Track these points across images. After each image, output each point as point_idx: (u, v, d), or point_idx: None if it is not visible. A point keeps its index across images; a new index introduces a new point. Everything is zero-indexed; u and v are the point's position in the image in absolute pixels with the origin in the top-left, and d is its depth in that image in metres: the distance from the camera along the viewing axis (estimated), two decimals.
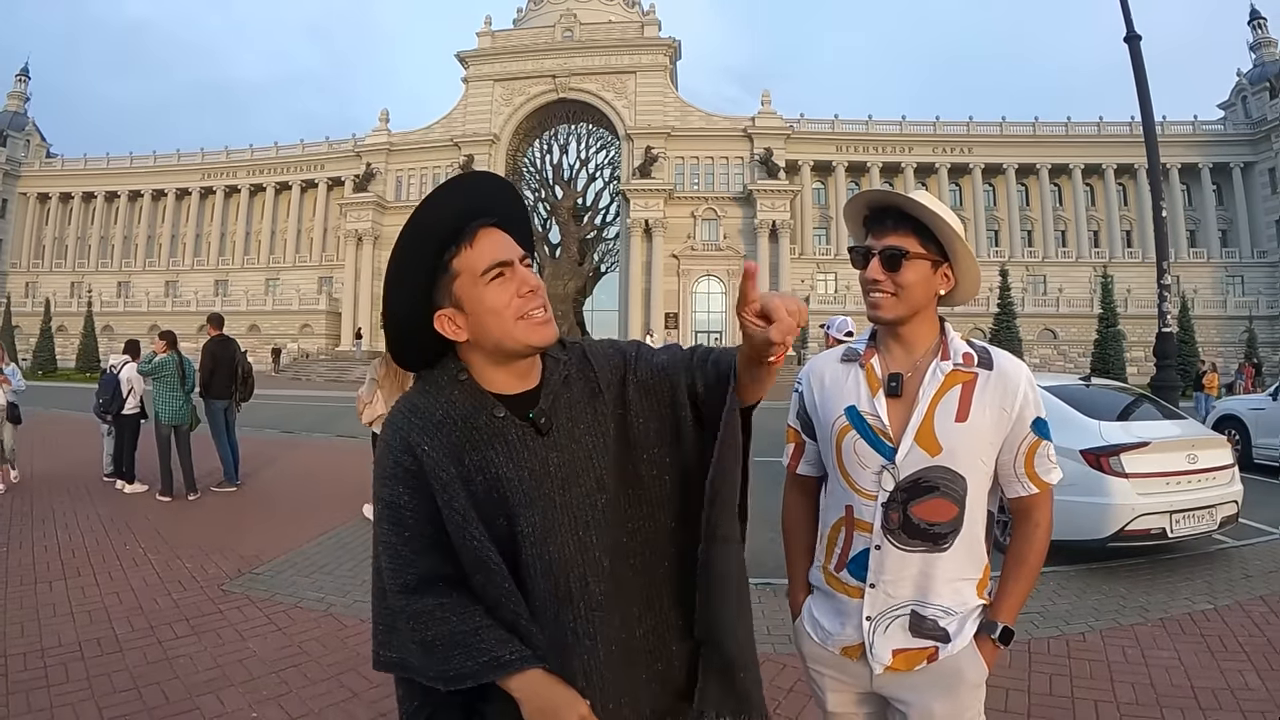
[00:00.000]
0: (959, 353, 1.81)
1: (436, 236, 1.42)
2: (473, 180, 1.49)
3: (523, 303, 1.42)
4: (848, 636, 1.85)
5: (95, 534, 7.41)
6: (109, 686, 4.04)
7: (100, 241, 71.79)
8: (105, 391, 9.97)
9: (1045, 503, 1.84)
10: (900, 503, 1.76)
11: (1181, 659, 4.41)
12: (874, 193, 1.86)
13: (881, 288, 1.78)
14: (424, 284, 1.43)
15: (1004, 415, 1.77)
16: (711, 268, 58.30)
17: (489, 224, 1.45)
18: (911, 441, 1.75)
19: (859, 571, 1.82)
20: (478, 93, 62.33)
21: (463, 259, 1.42)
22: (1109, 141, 60.06)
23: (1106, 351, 38.73)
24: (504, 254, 1.43)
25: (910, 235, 1.77)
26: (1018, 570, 1.83)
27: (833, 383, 1.90)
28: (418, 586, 1.40)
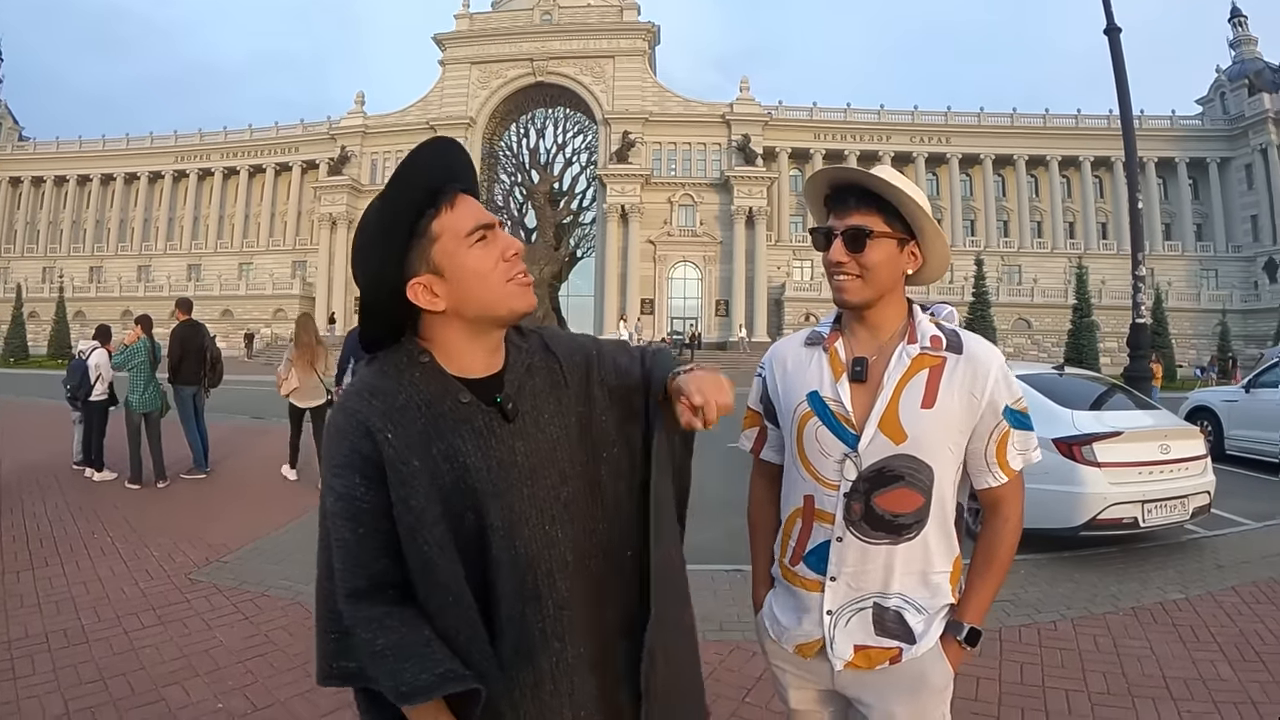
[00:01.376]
0: (926, 335, 1.72)
1: (418, 198, 1.34)
2: (447, 144, 1.43)
3: (509, 266, 1.36)
4: (806, 632, 1.78)
5: (64, 523, 7.29)
6: (75, 678, 3.98)
7: (72, 226, 70.75)
8: (73, 378, 9.79)
9: (1015, 496, 1.76)
10: (863, 493, 1.68)
11: (1154, 649, 4.44)
12: (835, 170, 1.77)
13: (846, 270, 1.69)
14: (398, 250, 1.34)
15: (973, 401, 1.68)
16: (688, 254, 58.34)
17: (463, 189, 1.39)
18: (875, 429, 1.67)
19: (818, 564, 1.75)
20: (454, 75, 61.82)
21: (443, 221, 1.34)
22: (1086, 134, 60.60)
23: (1080, 342, 39.12)
24: (485, 216, 1.37)
25: (874, 213, 1.69)
26: (986, 569, 1.76)
27: (795, 367, 1.83)
28: (368, 592, 1.30)
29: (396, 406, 1.32)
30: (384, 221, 1.34)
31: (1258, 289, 55.97)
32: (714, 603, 5.23)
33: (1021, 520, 1.78)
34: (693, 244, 58.22)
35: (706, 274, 57.79)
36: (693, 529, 1.73)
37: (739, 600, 5.22)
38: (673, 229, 58.29)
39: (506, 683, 1.30)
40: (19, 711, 3.66)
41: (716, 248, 57.63)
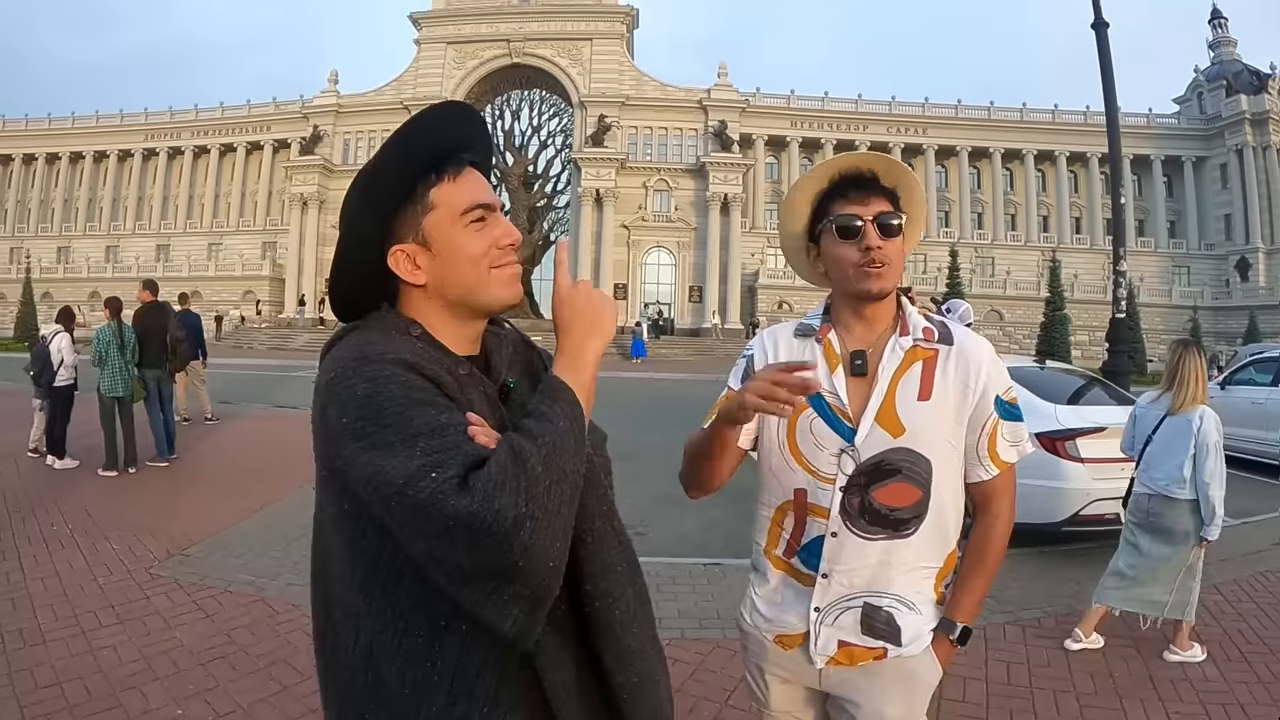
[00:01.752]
0: (918, 327, 1.72)
1: (423, 159, 1.24)
2: (465, 111, 1.34)
3: (501, 254, 1.27)
4: (788, 624, 1.75)
5: (22, 513, 7.06)
6: (31, 682, 3.83)
7: (40, 205, 69.03)
8: (36, 363, 9.52)
9: (1007, 491, 1.77)
10: (861, 487, 1.65)
11: (1139, 647, 4.42)
12: (851, 157, 1.74)
13: (881, 257, 1.65)
14: (389, 212, 1.24)
15: (968, 392, 1.68)
16: (662, 239, 58.11)
17: (473, 161, 1.30)
18: (872, 422, 1.65)
19: (811, 560, 1.71)
20: (430, 55, 60.98)
21: (443, 191, 1.24)
22: (1063, 129, 61.02)
23: (1052, 334, 39.39)
24: (488, 196, 1.28)
25: (888, 200, 1.69)
26: (977, 567, 1.76)
27: (787, 357, 1.77)
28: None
29: (419, 352, 1.18)
30: (381, 176, 1.24)
31: (1229, 287, 56.83)
32: (693, 597, 5.15)
33: (1013, 517, 1.80)
34: (667, 229, 58.01)
35: (680, 260, 57.65)
36: (668, 521, 1.63)
37: (719, 595, 5.15)
38: (647, 214, 58.03)
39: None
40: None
41: (691, 234, 57.47)
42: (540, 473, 1.04)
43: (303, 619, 4.44)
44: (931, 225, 60.30)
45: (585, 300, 1.24)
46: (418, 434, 1.07)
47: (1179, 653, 4.25)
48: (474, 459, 1.05)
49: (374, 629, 1.17)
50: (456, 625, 1.13)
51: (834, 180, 1.73)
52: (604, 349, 1.25)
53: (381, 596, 1.16)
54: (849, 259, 1.68)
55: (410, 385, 1.12)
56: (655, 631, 1.37)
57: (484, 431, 1.12)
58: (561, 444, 1.08)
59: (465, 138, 1.30)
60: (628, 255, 57.56)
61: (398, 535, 1.09)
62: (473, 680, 1.14)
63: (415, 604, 1.15)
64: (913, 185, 1.73)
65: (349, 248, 1.28)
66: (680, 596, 5.19)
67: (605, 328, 1.24)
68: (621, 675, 1.24)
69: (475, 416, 1.14)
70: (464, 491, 1.02)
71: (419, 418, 1.08)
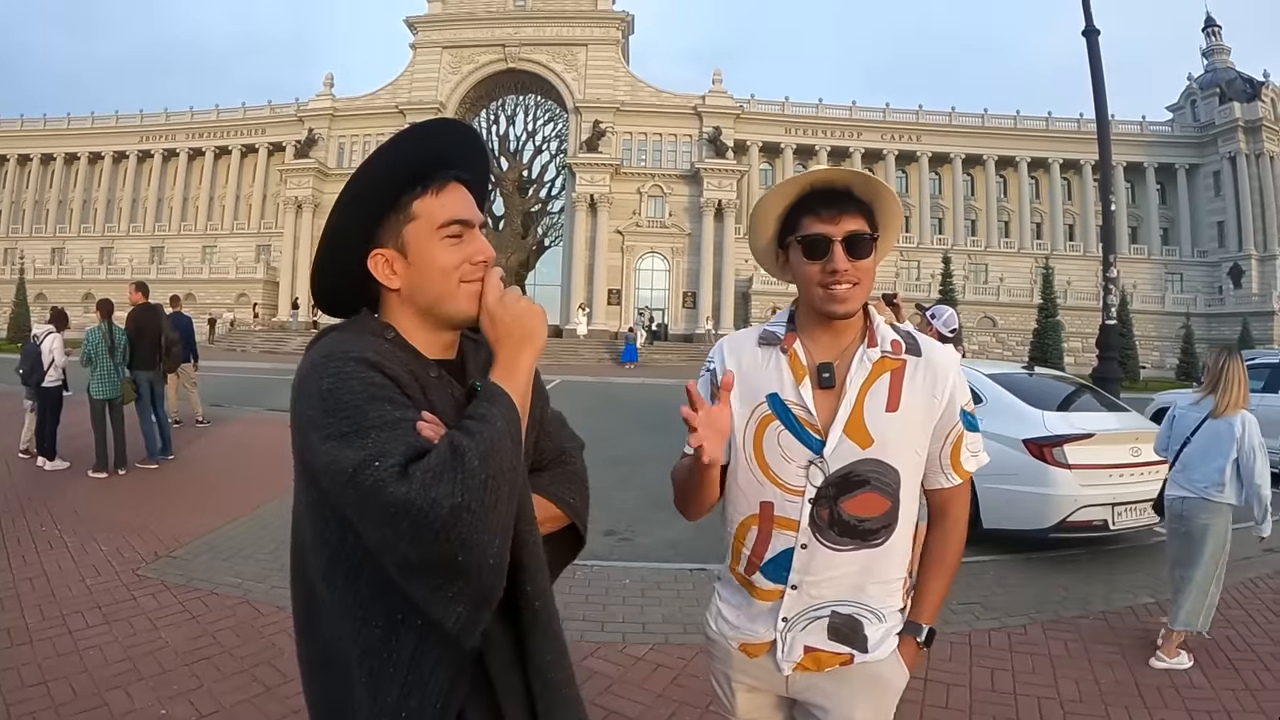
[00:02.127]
0: (886, 339, 1.71)
1: (409, 169, 1.31)
2: (460, 129, 1.42)
3: (471, 270, 1.33)
4: (755, 634, 1.74)
5: (12, 514, 7.04)
6: (17, 681, 3.84)
7: (34, 206, 68.59)
8: (26, 362, 9.48)
9: (963, 497, 1.79)
10: (830, 498, 1.65)
11: (1125, 654, 4.42)
12: (823, 172, 1.69)
13: (847, 278, 1.62)
14: (374, 215, 1.32)
15: (934, 402, 1.69)
16: (656, 245, 57.99)
17: (461, 178, 1.37)
18: (840, 433, 1.64)
19: (778, 573, 1.70)
20: (425, 59, 60.92)
21: (425, 204, 1.31)
22: (1057, 136, 61.04)
23: (1045, 341, 39.55)
24: (467, 213, 1.34)
25: (861, 216, 1.66)
26: (938, 570, 1.78)
27: (751, 366, 1.75)
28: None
29: (380, 352, 1.25)
30: (367, 181, 1.31)
31: (1221, 294, 56.86)
32: (678, 602, 5.17)
33: (967, 520, 1.84)
34: (661, 235, 57.92)
35: (674, 266, 57.59)
36: (656, 526, 1.63)
37: (703, 601, 5.11)
38: (641, 220, 57.92)
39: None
40: None
41: (685, 239, 57.42)
42: (477, 466, 1.09)
43: (287, 621, 4.42)
44: (925, 232, 60.45)
45: (512, 316, 1.28)
46: (370, 426, 1.13)
47: (1165, 660, 4.26)
48: (416, 450, 1.12)
49: (336, 617, 1.24)
50: (412, 620, 1.18)
51: (804, 193, 1.71)
52: (536, 359, 1.32)
53: (343, 585, 1.22)
54: (813, 278, 1.66)
55: (369, 382, 1.18)
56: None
57: (431, 427, 1.18)
58: (499, 442, 1.14)
59: (456, 155, 1.37)
60: (622, 261, 57.47)
61: (354, 524, 1.14)
62: (427, 675, 1.19)
63: (374, 595, 1.19)
64: (889, 200, 1.69)
65: (331, 242, 1.34)
66: (665, 601, 5.20)
67: (536, 340, 1.30)
68: (560, 671, 1.31)
69: (429, 415, 1.21)
70: (403, 479, 1.08)
71: (373, 412, 1.15)
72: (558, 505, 1.44)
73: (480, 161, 1.44)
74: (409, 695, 1.18)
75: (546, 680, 1.27)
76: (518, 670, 1.27)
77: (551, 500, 1.43)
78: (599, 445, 12.48)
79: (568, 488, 1.47)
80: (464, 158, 1.39)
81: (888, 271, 56.83)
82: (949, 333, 5.43)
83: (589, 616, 4.92)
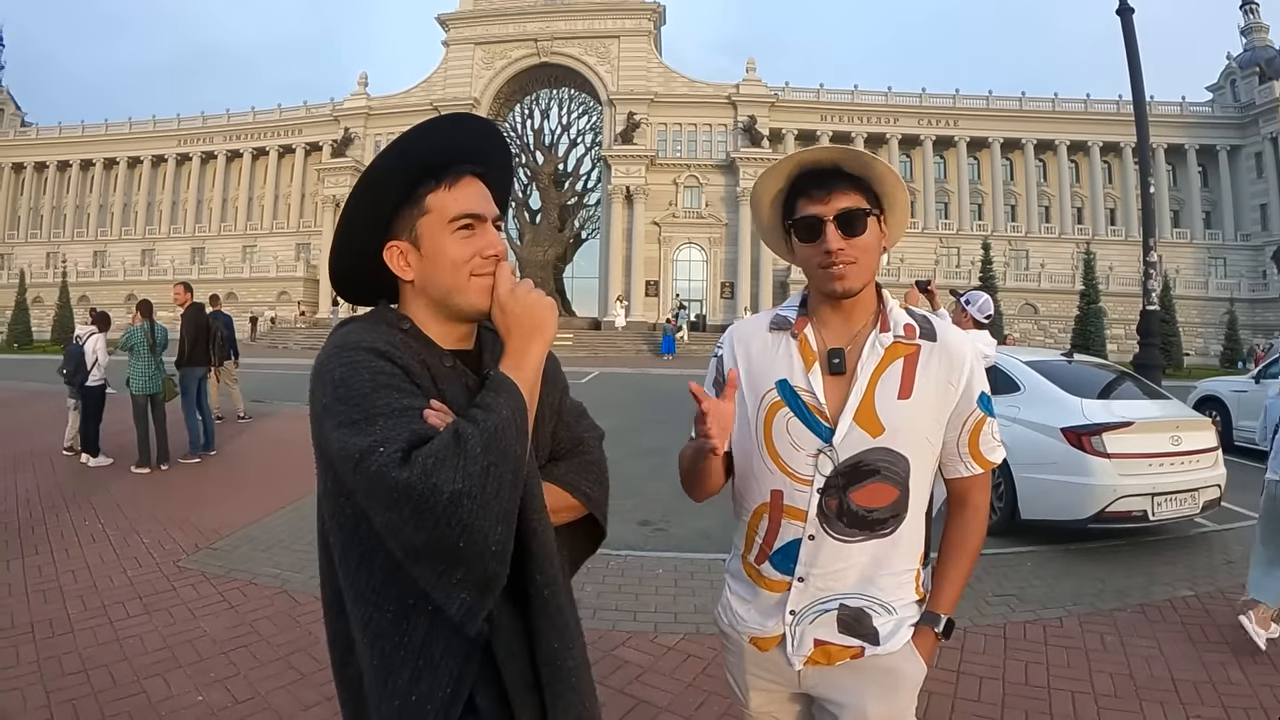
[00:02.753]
0: (900, 323, 1.65)
1: (423, 163, 1.34)
2: (476, 124, 1.42)
3: (482, 263, 1.33)
4: (764, 627, 1.71)
5: (57, 510, 7.23)
6: (58, 669, 3.94)
7: (76, 211, 70.33)
8: (69, 362, 9.72)
9: (985, 485, 1.73)
10: (839, 488, 1.60)
11: (1162, 648, 4.32)
12: (807, 153, 1.65)
13: (844, 258, 1.58)
14: (391, 207, 1.35)
15: (950, 390, 1.63)
16: (693, 235, 57.91)
17: (476, 172, 1.38)
18: (850, 422, 1.59)
19: (785, 564, 1.66)
20: (458, 56, 61.23)
21: (438, 197, 1.34)
22: (1096, 119, 59.81)
23: (1087, 328, 38.85)
24: (479, 207, 1.35)
25: (857, 192, 1.61)
26: (959, 559, 1.72)
27: (761, 352, 1.71)
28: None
29: (394, 343, 1.28)
30: (381, 173, 1.33)
31: (1265, 278, 55.23)
32: (710, 592, 5.15)
33: (989, 507, 1.78)
34: (698, 225, 57.81)
35: (712, 256, 57.48)
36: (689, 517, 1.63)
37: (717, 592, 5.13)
38: (678, 210, 57.87)
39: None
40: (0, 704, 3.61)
41: (722, 229, 57.24)
42: (479, 453, 1.11)
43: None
44: (965, 218, 59.66)
45: (522, 308, 1.29)
46: (378, 414, 1.17)
47: (1251, 624, 4.20)
48: (419, 437, 1.14)
49: (352, 600, 1.28)
50: (423, 605, 1.20)
51: (793, 178, 1.67)
52: (546, 350, 1.32)
53: (357, 569, 1.26)
54: (812, 260, 1.62)
55: (378, 371, 1.22)
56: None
57: (438, 415, 1.20)
58: (503, 430, 1.15)
59: (471, 149, 1.38)
60: (659, 252, 57.45)
61: (365, 508, 1.18)
62: (437, 660, 1.21)
63: (386, 579, 1.22)
64: (883, 172, 1.63)
65: (345, 231, 1.37)
66: (698, 591, 5.19)
67: (546, 331, 1.30)
68: (569, 659, 1.30)
69: (437, 403, 1.23)
70: (405, 465, 1.10)
71: (382, 400, 1.18)
72: (573, 494, 1.44)
73: (499, 156, 1.45)
74: (419, 679, 1.21)
75: (555, 668, 1.28)
76: (525, 657, 1.28)
77: (567, 489, 1.43)
78: (633, 435, 12.56)
79: (584, 477, 1.47)
80: (480, 152, 1.40)
81: (926, 258, 56.23)
82: (984, 318, 5.39)
83: (621, 606, 4.94)
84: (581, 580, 5.32)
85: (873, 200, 1.63)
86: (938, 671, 3.84)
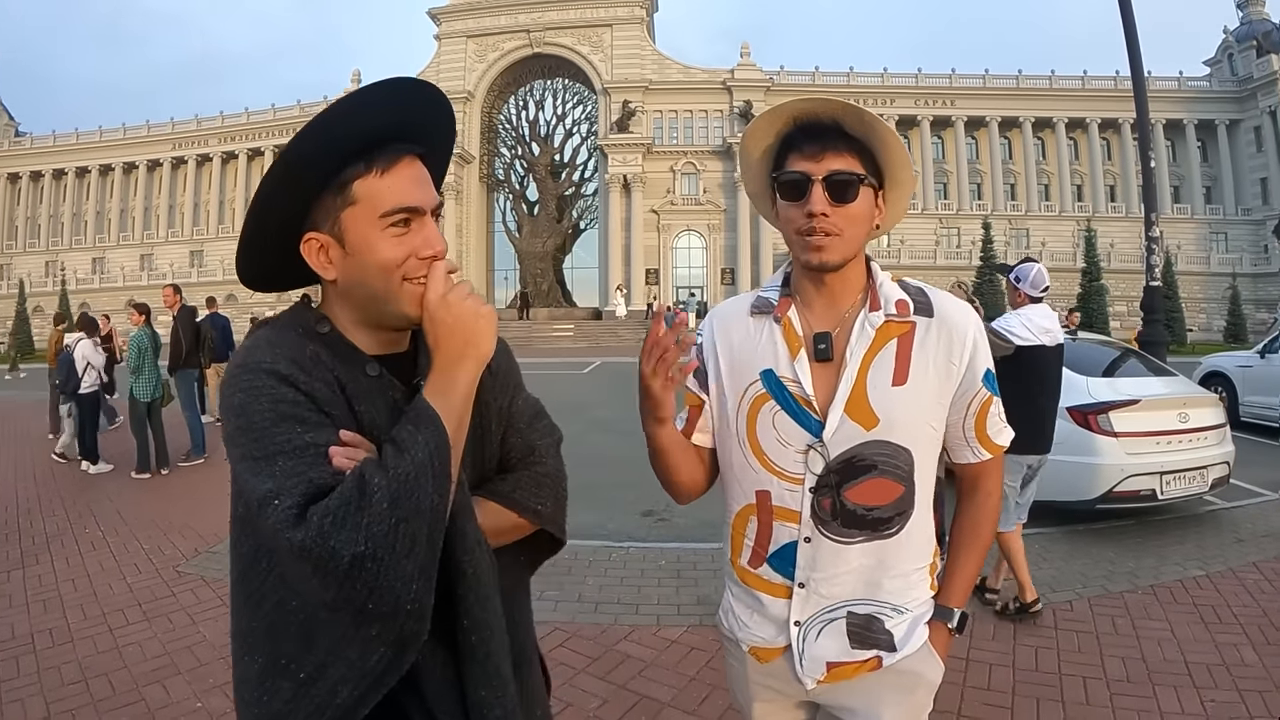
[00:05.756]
0: (891, 300, 1.48)
1: (348, 143, 1.11)
2: (418, 89, 1.17)
3: (416, 265, 1.13)
4: (765, 637, 1.56)
5: (56, 518, 7.21)
6: (58, 679, 3.93)
7: (73, 218, 70.42)
8: (61, 371, 9.71)
9: (996, 469, 1.59)
10: (832, 486, 1.44)
11: (1174, 630, 4.25)
12: (803, 102, 1.45)
13: (826, 226, 1.40)
14: (307, 192, 1.13)
15: (951, 369, 1.47)
16: (691, 222, 57.95)
17: (415, 153, 1.16)
18: (841, 413, 1.43)
19: (784, 567, 1.51)
20: (450, 50, 61.08)
21: (368, 185, 1.11)
22: (1094, 96, 59.60)
23: (1090, 306, 38.82)
24: (416, 198, 1.13)
25: (853, 156, 1.42)
26: (971, 548, 1.58)
27: (743, 340, 1.55)
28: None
29: (306, 357, 1.12)
30: (300, 154, 1.10)
31: (1268, 252, 55.03)
32: (713, 583, 5.13)
33: (1001, 492, 1.64)
34: (696, 212, 57.83)
35: (711, 242, 57.51)
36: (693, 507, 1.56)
37: None
38: (676, 198, 57.89)
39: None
40: (1, 715, 3.61)
41: (720, 215, 57.23)
42: (385, 509, 0.97)
43: None
44: (964, 198, 59.50)
45: (454, 318, 1.09)
46: (277, 453, 1.03)
47: None
48: (317, 488, 1.01)
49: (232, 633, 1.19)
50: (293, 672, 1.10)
51: (787, 128, 1.49)
52: (478, 370, 1.12)
53: (243, 607, 1.17)
54: (794, 223, 1.44)
55: (279, 399, 1.07)
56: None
57: (345, 453, 1.05)
58: (417, 478, 1.01)
59: (410, 124, 1.16)
60: (658, 240, 57.40)
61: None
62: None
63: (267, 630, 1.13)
64: (887, 137, 1.43)
65: (257, 227, 1.16)
66: (700, 582, 5.14)
67: (480, 347, 1.11)
68: (499, 709, 1.16)
69: (347, 434, 1.08)
70: (300, 524, 0.97)
71: (281, 435, 1.04)
72: (521, 513, 1.27)
73: (444, 129, 1.25)
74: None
75: (482, 716, 1.14)
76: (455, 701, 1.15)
77: (514, 508, 1.27)
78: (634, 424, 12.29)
79: (535, 492, 1.30)
80: (421, 128, 1.19)
81: (926, 239, 56.09)
82: (1039, 293, 4.90)
83: (624, 599, 4.88)
84: (583, 573, 5.29)
85: (871, 169, 1.45)
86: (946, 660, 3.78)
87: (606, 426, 11.52)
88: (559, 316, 48.57)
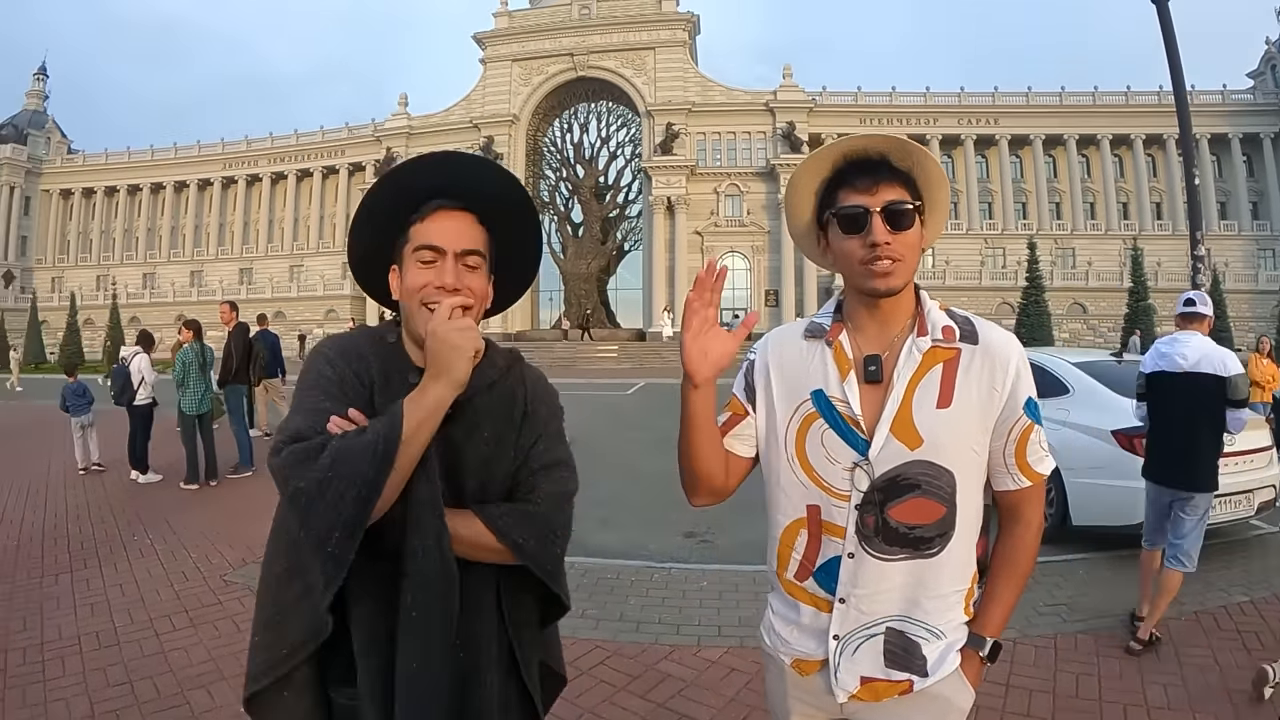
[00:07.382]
0: (938, 326, 1.56)
1: (408, 196, 1.50)
2: (456, 161, 1.56)
3: (433, 294, 1.44)
4: (807, 650, 1.61)
5: (106, 525, 7.41)
6: (103, 680, 4.03)
7: (124, 234, 72.37)
8: (116, 383, 9.96)
9: (1038, 498, 1.61)
10: (876, 504, 1.50)
11: (1217, 658, 4.17)
12: (855, 141, 1.56)
13: (890, 253, 1.49)
14: (385, 231, 1.53)
15: (994, 395, 1.52)
16: (735, 244, 57.79)
17: (455, 207, 1.49)
18: (887, 433, 1.50)
19: (828, 582, 1.57)
20: (496, 73, 61.93)
21: (414, 228, 1.48)
22: (1137, 111, 58.49)
23: (1137, 325, 37.94)
24: (443, 240, 1.46)
25: (901, 186, 1.52)
26: (1011, 578, 1.61)
27: (796, 361, 1.63)
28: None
29: (354, 352, 1.49)
30: (374, 207, 1.55)
31: None
32: (755, 605, 5.07)
33: (1043, 522, 1.65)
34: (740, 234, 57.78)
35: (755, 264, 57.36)
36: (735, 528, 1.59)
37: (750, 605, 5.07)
38: (719, 219, 57.95)
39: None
40: (46, 713, 3.71)
41: (764, 237, 57.12)
42: (326, 464, 1.28)
43: None
44: (1009, 217, 58.80)
45: (437, 344, 1.36)
46: (301, 408, 1.41)
47: None
48: (300, 435, 1.35)
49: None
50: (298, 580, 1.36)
51: (838, 166, 1.57)
52: (448, 394, 1.36)
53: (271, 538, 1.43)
54: (854, 254, 1.52)
55: (319, 374, 1.45)
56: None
57: (340, 423, 1.36)
58: (357, 451, 1.29)
59: (442, 187, 1.50)
60: (702, 261, 56.77)
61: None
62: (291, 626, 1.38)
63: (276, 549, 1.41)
64: (930, 168, 1.54)
65: (355, 255, 1.62)
66: (742, 604, 5.13)
67: (451, 374, 1.36)
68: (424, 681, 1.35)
69: (355, 413, 1.38)
70: (277, 454, 1.34)
71: (309, 398, 1.42)
72: (500, 539, 1.41)
73: (470, 184, 1.52)
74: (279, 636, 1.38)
75: (409, 688, 1.34)
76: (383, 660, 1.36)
77: (494, 532, 1.41)
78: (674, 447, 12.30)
79: (518, 525, 1.43)
80: (451, 185, 1.50)
81: (972, 260, 55.43)
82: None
83: (665, 619, 4.89)
84: (625, 593, 5.32)
85: (915, 196, 1.54)
86: (986, 685, 3.72)
87: (649, 448, 11.52)
88: (603, 337, 48.72)
